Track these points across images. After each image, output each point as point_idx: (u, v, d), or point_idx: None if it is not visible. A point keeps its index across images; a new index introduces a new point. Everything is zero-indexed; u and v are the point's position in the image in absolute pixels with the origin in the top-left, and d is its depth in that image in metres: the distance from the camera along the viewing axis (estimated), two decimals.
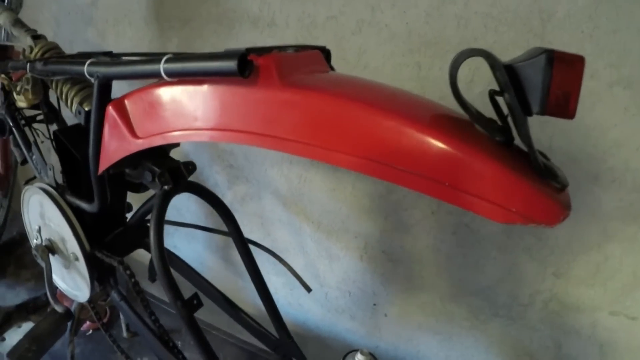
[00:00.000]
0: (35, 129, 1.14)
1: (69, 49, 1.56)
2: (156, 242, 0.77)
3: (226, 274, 1.52)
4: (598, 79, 0.87)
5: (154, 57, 0.61)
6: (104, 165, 0.78)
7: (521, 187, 0.45)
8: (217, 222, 0.96)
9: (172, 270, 1.04)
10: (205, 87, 0.60)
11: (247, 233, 1.39)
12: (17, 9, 1.18)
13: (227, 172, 1.39)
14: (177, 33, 1.30)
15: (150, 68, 0.61)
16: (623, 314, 0.99)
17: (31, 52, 0.98)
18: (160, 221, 0.78)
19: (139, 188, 0.95)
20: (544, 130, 0.95)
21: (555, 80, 0.44)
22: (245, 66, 0.53)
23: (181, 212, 1.57)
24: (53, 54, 0.99)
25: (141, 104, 0.68)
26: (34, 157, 1.07)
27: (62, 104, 0.95)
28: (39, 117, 1.14)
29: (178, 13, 1.28)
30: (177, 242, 1.66)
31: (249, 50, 0.55)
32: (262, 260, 1.38)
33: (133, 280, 0.89)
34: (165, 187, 0.79)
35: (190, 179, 1.40)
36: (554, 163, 0.53)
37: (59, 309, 1.02)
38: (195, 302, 0.80)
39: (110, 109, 0.72)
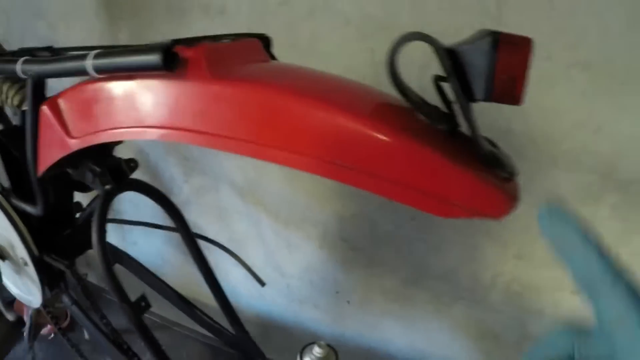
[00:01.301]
0: None
1: (19, 43, 1.45)
2: (99, 244, 0.72)
3: (187, 268, 1.43)
4: (555, 61, 0.83)
5: (83, 53, 0.56)
6: (42, 167, 0.72)
7: (463, 178, 0.40)
8: None
9: (124, 269, 1.00)
10: (134, 83, 0.54)
11: (205, 225, 1.33)
12: None
13: (183, 164, 1.31)
14: (127, 23, 1.21)
15: (79, 65, 0.56)
16: None
17: None
18: (102, 223, 0.72)
19: (85, 187, 0.88)
20: (502, 113, 0.90)
21: (501, 65, 0.38)
22: (172, 59, 0.48)
23: (139, 207, 1.48)
24: None
25: (74, 102, 0.63)
26: None
27: None
28: None
29: (127, 3, 1.19)
30: (137, 238, 1.57)
31: (177, 42, 0.50)
32: (221, 252, 1.32)
33: (82, 284, 0.84)
34: (107, 186, 0.73)
35: (148, 173, 1.33)
36: (502, 150, 0.48)
37: (9, 317, 0.97)
38: (143, 304, 0.75)
39: (44, 109, 0.66)
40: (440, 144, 0.42)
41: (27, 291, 0.98)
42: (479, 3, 0.85)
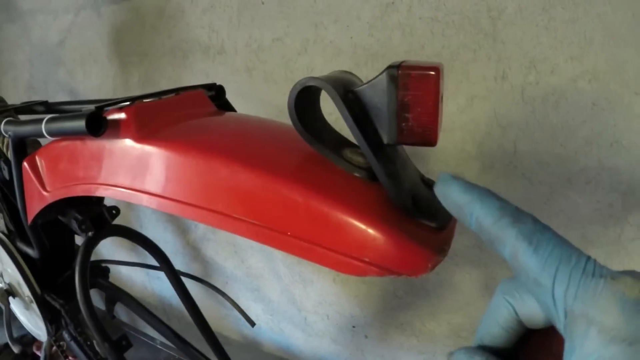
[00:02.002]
0: None
1: (43, 89, 1.53)
2: (81, 288, 0.73)
3: (208, 302, 1.43)
4: (559, 74, 0.77)
5: (41, 117, 0.58)
6: (30, 216, 0.74)
7: (372, 234, 0.35)
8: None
9: (123, 306, 1.02)
10: (79, 144, 0.56)
11: (222, 261, 1.32)
12: None
13: None
14: (137, 68, 1.24)
15: (38, 128, 0.59)
16: None
17: None
18: (84, 268, 0.73)
19: None
20: (506, 135, 0.84)
21: (403, 102, 0.33)
22: (99, 124, 0.49)
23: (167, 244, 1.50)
24: None
25: (45, 159, 0.66)
26: None
27: None
28: None
29: (136, 48, 1.22)
30: (160, 273, 1.55)
31: (108, 105, 0.51)
32: (240, 288, 1.30)
33: (75, 321, 0.89)
34: (89, 233, 0.75)
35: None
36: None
37: (15, 349, 1.03)
38: (124, 342, 0.78)
39: (25, 165, 0.69)
40: (355, 194, 0.37)
41: (36, 326, 1.03)
42: (472, 21, 0.82)
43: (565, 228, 0.83)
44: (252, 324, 0.96)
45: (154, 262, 0.90)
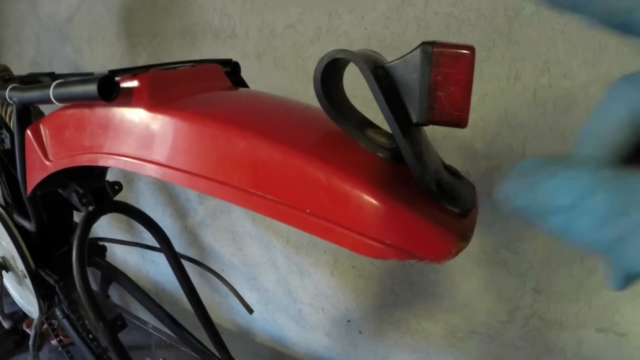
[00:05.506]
0: None
1: (48, 66, 1.50)
2: (78, 263, 0.71)
3: (203, 289, 1.40)
4: (572, 79, 0.75)
5: (49, 83, 0.55)
6: (29, 186, 0.72)
7: (395, 215, 0.33)
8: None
9: (118, 286, 1.00)
10: (86, 111, 0.54)
11: (219, 248, 1.30)
12: None
13: None
14: (145, 48, 1.22)
15: (45, 93, 0.56)
16: (611, 331, 0.85)
17: None
18: (83, 243, 0.71)
19: None
20: (516, 135, 0.83)
21: (436, 80, 0.31)
22: (111, 89, 0.47)
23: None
24: (4, 75, 0.92)
25: (50, 127, 0.64)
26: None
27: None
28: None
29: (145, 28, 1.20)
30: (155, 257, 1.54)
31: (123, 72, 0.49)
32: (236, 276, 1.28)
33: (69, 299, 0.86)
34: (89, 208, 0.72)
35: (165, 194, 1.31)
36: (463, 180, 0.40)
37: (5, 324, 1.01)
38: (119, 323, 0.75)
39: (28, 133, 0.67)
40: (379, 174, 0.35)
41: (28, 302, 1.01)
42: (488, 19, 0.80)
43: None
44: (250, 311, 0.94)
45: (153, 243, 0.88)
